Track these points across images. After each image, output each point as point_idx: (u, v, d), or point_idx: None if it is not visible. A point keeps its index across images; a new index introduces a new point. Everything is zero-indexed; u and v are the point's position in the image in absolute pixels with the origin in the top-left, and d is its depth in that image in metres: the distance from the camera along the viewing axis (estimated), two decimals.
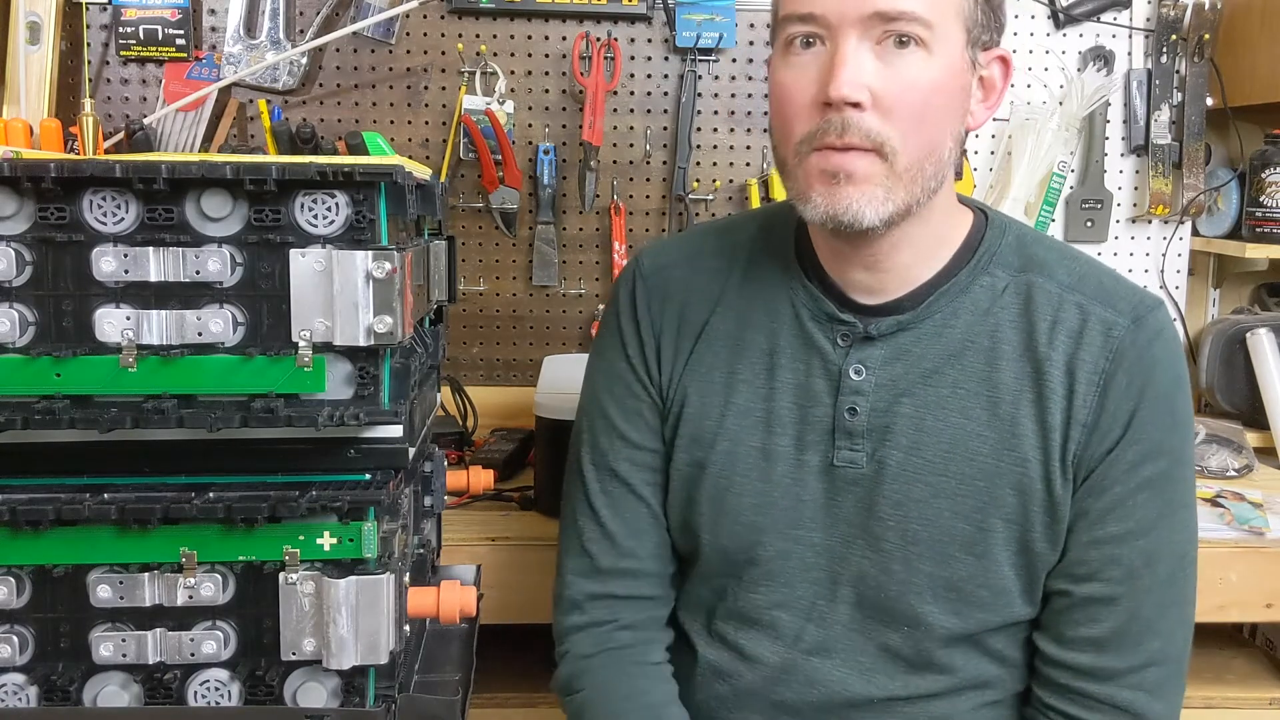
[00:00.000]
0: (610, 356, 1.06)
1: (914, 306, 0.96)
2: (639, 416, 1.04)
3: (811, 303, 0.98)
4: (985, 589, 0.95)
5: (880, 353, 0.96)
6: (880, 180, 0.87)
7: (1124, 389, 0.92)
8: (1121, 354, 0.93)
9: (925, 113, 0.87)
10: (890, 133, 0.86)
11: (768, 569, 1.00)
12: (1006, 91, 0.95)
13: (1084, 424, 0.93)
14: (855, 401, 0.96)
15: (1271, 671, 1.58)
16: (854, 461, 0.96)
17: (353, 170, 0.78)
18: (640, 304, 1.04)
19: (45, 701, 0.82)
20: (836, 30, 0.86)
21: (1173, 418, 0.94)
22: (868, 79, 0.85)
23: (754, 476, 0.99)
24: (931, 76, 0.87)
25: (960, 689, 0.99)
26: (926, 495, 0.95)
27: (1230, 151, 1.92)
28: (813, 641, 1.00)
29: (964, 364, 0.95)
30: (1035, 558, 0.95)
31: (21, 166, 0.77)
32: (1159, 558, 0.94)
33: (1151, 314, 0.94)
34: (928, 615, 0.96)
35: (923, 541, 0.95)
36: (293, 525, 0.81)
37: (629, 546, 1.04)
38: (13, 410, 0.78)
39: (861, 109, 0.85)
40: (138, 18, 1.68)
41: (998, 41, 0.94)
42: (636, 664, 1.04)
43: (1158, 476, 0.94)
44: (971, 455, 0.94)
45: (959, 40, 0.89)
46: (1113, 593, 0.94)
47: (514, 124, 1.76)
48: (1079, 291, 0.95)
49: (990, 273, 0.96)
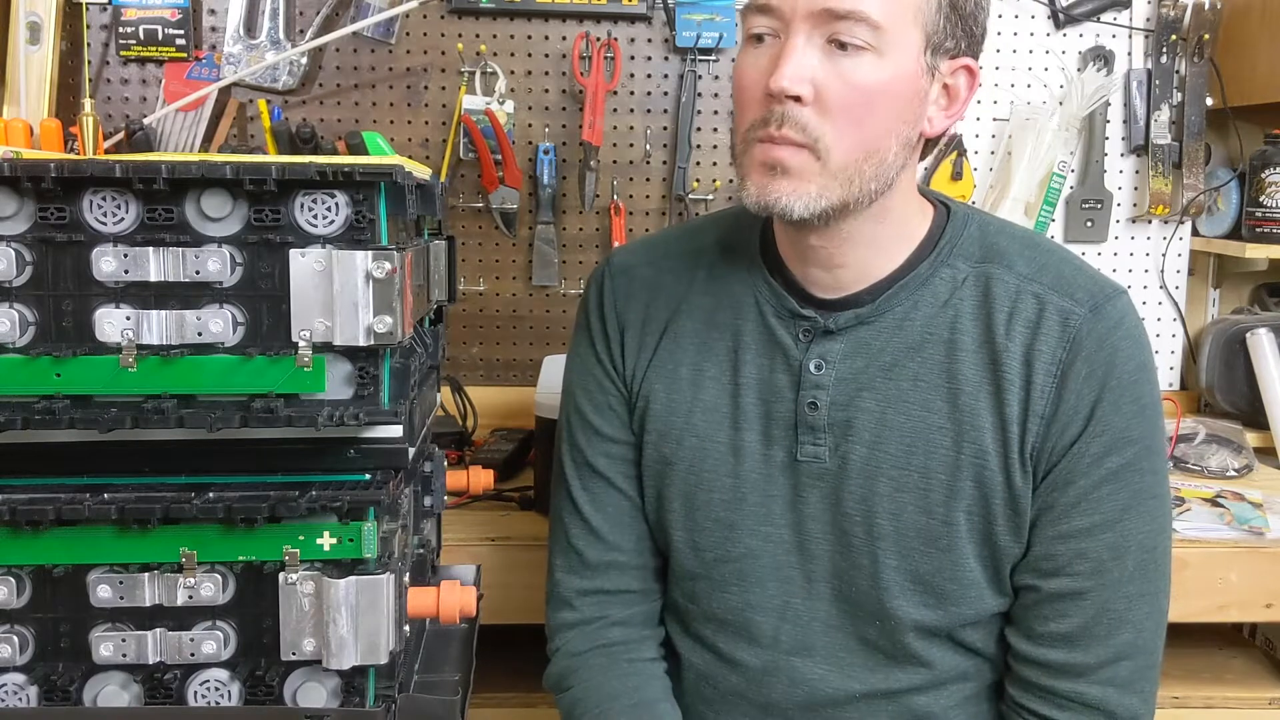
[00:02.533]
0: (582, 353, 1.08)
1: (872, 300, 0.96)
2: (610, 410, 1.05)
3: (774, 299, 0.99)
4: (953, 582, 0.96)
5: (840, 347, 0.96)
6: (813, 177, 0.88)
7: (1083, 379, 0.92)
8: (1079, 343, 0.92)
9: (865, 114, 0.87)
10: (825, 130, 0.87)
11: (738, 567, 1.00)
12: (969, 103, 0.95)
13: (1042, 415, 0.92)
14: (816, 395, 0.96)
15: (1271, 671, 1.58)
16: (818, 456, 0.97)
17: (353, 170, 0.78)
18: (607, 301, 1.06)
19: (45, 701, 0.82)
20: (789, 24, 0.87)
21: (1137, 406, 0.93)
22: (810, 74, 0.86)
23: (723, 472, 1.00)
24: (877, 79, 0.87)
25: (942, 682, 1.00)
26: (890, 490, 0.95)
27: (1230, 151, 1.92)
28: (792, 641, 1.01)
29: (924, 357, 0.95)
30: (999, 551, 0.95)
31: (21, 166, 0.77)
32: (1127, 550, 0.94)
33: (1110, 302, 0.94)
34: (898, 609, 0.97)
35: (888, 536, 0.95)
36: (293, 525, 0.81)
37: (613, 540, 1.05)
38: (13, 410, 0.78)
39: (801, 103, 0.86)
40: (138, 18, 1.68)
41: (969, 51, 0.93)
42: (629, 661, 1.05)
43: (1123, 468, 0.93)
44: (933, 449, 0.94)
45: (914, 45, 0.88)
46: (1080, 587, 0.94)
47: (514, 124, 1.76)
48: (1037, 281, 0.94)
49: (951, 264, 0.96)
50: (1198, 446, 1.67)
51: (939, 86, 0.92)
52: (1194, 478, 1.62)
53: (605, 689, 1.03)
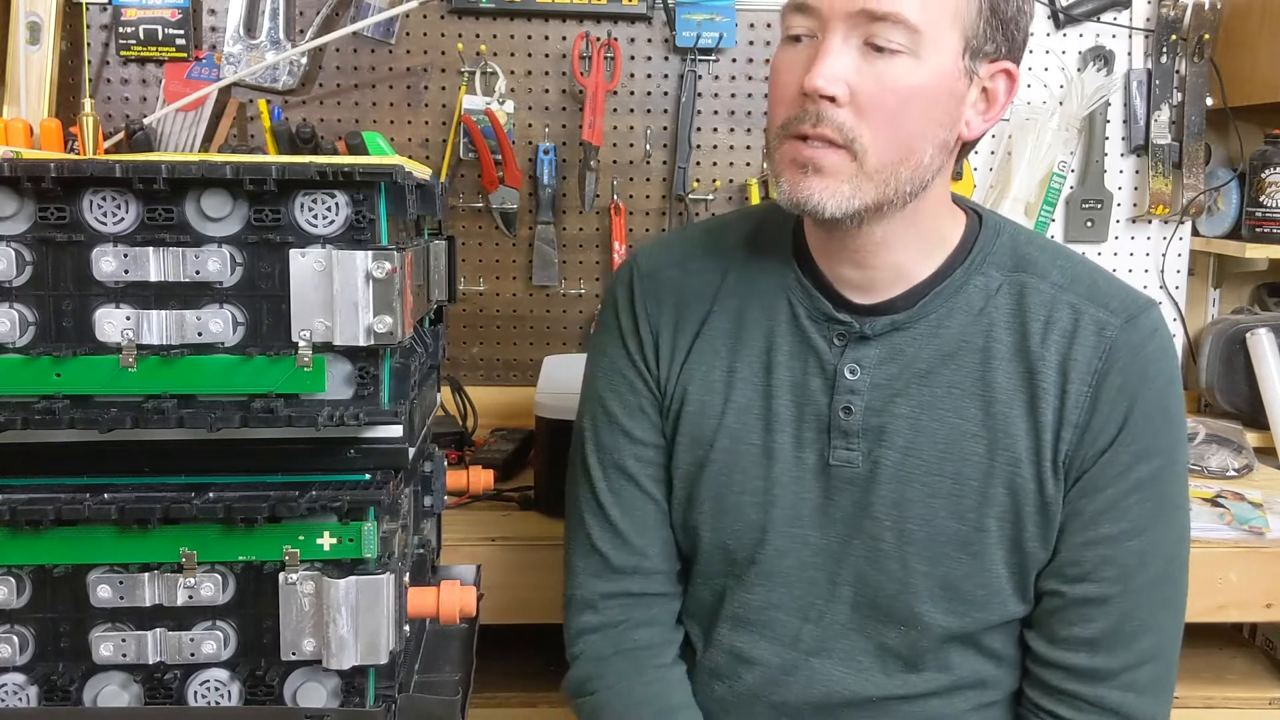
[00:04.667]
0: (612, 354, 1.06)
1: (908, 307, 0.96)
2: (641, 413, 1.04)
3: (808, 301, 0.98)
4: (982, 588, 0.96)
5: (875, 352, 0.96)
6: (848, 177, 0.88)
7: (1117, 389, 0.92)
8: (1115, 354, 0.93)
9: (902, 116, 0.87)
10: (862, 131, 0.87)
11: (766, 568, 1.00)
12: (1009, 106, 0.94)
13: (1076, 424, 0.93)
14: (850, 401, 0.96)
15: (1271, 671, 1.58)
16: (850, 461, 0.97)
17: (353, 170, 0.78)
18: (638, 302, 1.05)
19: (45, 701, 0.82)
20: (826, 24, 0.87)
21: (1166, 417, 0.95)
22: (846, 74, 0.86)
23: (755, 474, 0.99)
24: (915, 81, 0.87)
25: (957, 688, 1.00)
26: (922, 495, 0.95)
27: (1230, 151, 1.92)
28: (811, 642, 1.00)
29: (958, 364, 0.95)
30: (1027, 557, 0.95)
31: (21, 166, 0.77)
32: (1151, 558, 0.94)
33: (1145, 314, 0.95)
34: (924, 614, 0.97)
35: (918, 541, 0.95)
36: (293, 525, 0.81)
37: (639, 544, 1.05)
38: (13, 410, 0.78)
39: (837, 103, 0.86)
40: (138, 18, 1.68)
41: (1009, 55, 0.92)
42: (654, 666, 1.04)
43: (1151, 477, 0.94)
44: (966, 455, 0.94)
45: (953, 48, 0.88)
46: (1105, 593, 0.94)
47: (514, 124, 1.76)
48: (1072, 291, 0.95)
49: (984, 273, 0.96)
50: (1198, 446, 1.67)
51: (977, 90, 0.91)
52: (1194, 478, 1.62)
53: (631, 695, 1.02)
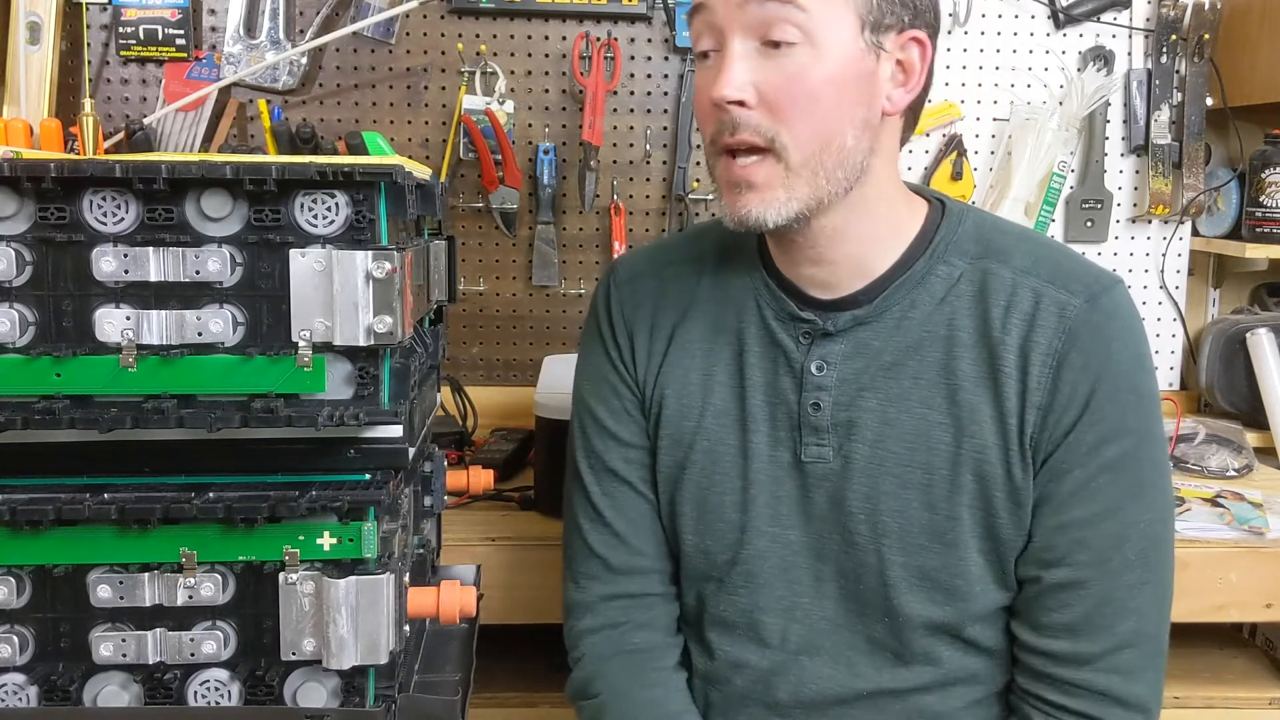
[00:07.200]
0: (595, 360, 1.08)
1: (870, 300, 0.96)
2: (627, 415, 1.05)
3: (774, 302, 0.99)
4: (959, 578, 0.96)
5: (840, 348, 0.97)
6: (779, 183, 0.90)
7: (1079, 369, 0.92)
8: (1075, 334, 0.92)
9: (812, 106, 0.88)
10: (779, 129, 0.88)
11: (747, 569, 1.01)
12: (927, 72, 0.93)
13: (1039, 406, 0.92)
14: (818, 397, 0.97)
15: (1271, 671, 1.58)
16: (822, 457, 0.97)
17: (353, 170, 0.78)
18: (615, 309, 1.07)
19: (45, 701, 0.82)
20: (723, 32, 0.89)
21: (1135, 396, 0.93)
22: (750, 77, 0.88)
23: (733, 474, 1.00)
24: (818, 69, 0.87)
25: (949, 683, 1.00)
26: (894, 487, 0.95)
27: (1230, 151, 1.92)
28: (799, 641, 1.01)
29: (923, 355, 0.95)
30: (1002, 544, 0.95)
31: (21, 166, 0.77)
32: (1127, 539, 0.94)
33: (1106, 293, 0.94)
34: (904, 605, 0.97)
35: (893, 533, 0.96)
36: (293, 525, 0.81)
37: (636, 544, 1.05)
38: (13, 410, 0.78)
39: (747, 107, 0.88)
40: (138, 18, 1.68)
41: (915, 23, 0.92)
42: (656, 670, 1.05)
43: (1121, 457, 0.93)
44: (934, 445, 0.95)
45: (848, 27, 0.88)
46: (1081, 577, 0.94)
47: (514, 124, 1.76)
48: (1034, 275, 0.94)
49: (947, 261, 0.96)
50: (1198, 446, 1.67)
51: (890, 64, 0.91)
52: (1194, 478, 1.62)
53: (632, 699, 1.03)
